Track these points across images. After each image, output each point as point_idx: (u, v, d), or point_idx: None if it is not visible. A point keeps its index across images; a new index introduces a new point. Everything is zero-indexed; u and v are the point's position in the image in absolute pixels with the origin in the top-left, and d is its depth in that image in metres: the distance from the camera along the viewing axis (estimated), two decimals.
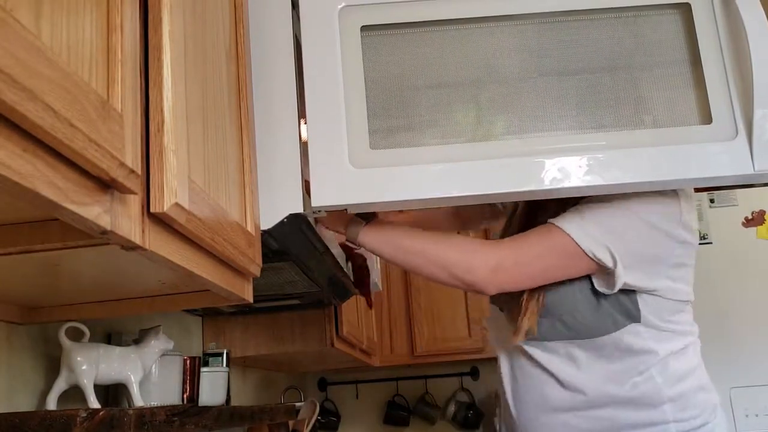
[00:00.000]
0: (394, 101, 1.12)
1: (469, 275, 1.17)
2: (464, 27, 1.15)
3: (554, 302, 1.21)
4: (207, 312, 1.94)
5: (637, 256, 1.16)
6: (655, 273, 1.18)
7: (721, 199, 2.73)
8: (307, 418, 2.36)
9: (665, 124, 1.11)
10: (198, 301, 1.04)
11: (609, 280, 1.17)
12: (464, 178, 1.08)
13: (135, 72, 0.67)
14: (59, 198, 0.54)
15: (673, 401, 1.20)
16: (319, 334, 2.04)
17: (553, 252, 1.16)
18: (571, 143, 1.09)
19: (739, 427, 2.52)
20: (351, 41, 1.12)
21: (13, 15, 0.47)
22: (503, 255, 1.17)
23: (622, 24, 1.14)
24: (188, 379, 1.40)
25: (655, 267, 1.18)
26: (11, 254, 0.73)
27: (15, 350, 1.10)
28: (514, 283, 1.19)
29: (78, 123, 0.53)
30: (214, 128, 0.90)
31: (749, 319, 2.61)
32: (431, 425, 3.55)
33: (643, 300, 1.19)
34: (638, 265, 1.16)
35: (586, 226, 1.15)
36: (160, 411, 0.90)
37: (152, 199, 0.70)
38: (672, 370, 1.21)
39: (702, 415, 1.22)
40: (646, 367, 1.21)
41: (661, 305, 1.20)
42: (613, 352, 1.21)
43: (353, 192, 1.07)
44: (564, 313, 1.21)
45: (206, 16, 0.91)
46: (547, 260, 1.17)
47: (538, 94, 1.12)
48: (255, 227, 1.04)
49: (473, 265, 1.17)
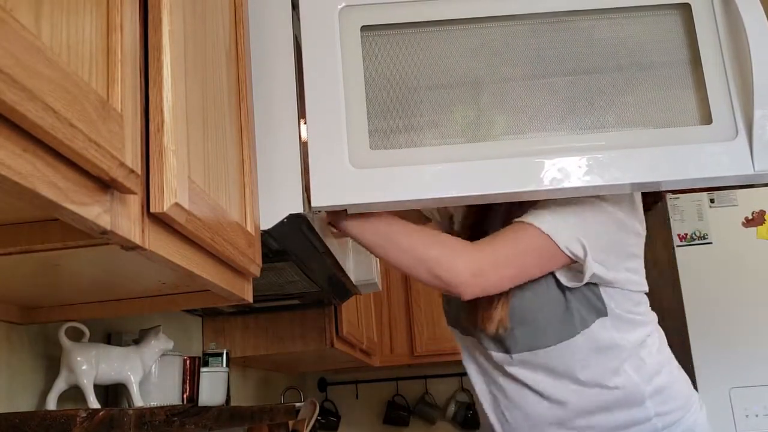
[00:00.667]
0: (394, 101, 1.12)
1: (449, 276, 1.14)
2: (465, 27, 1.15)
3: (522, 306, 1.20)
4: (207, 312, 1.94)
5: (603, 248, 1.17)
6: (615, 264, 1.19)
7: (721, 199, 2.73)
8: (307, 418, 2.36)
9: (665, 125, 1.11)
10: (198, 301, 1.04)
11: (577, 272, 1.17)
12: (464, 179, 1.08)
13: (135, 72, 0.67)
14: (59, 198, 0.54)
15: (653, 396, 1.21)
16: (319, 334, 2.04)
17: (530, 252, 1.15)
18: (571, 143, 1.09)
19: (739, 427, 2.52)
20: (351, 41, 1.12)
21: (13, 15, 0.47)
22: (483, 259, 1.15)
23: (622, 24, 1.14)
24: (188, 379, 1.40)
25: (616, 258, 1.19)
26: (11, 254, 0.73)
27: (15, 350, 1.10)
28: (493, 287, 1.17)
29: (78, 123, 0.53)
30: (214, 128, 0.90)
31: (749, 319, 2.61)
32: (431, 425, 3.55)
33: (607, 293, 1.20)
34: (603, 257, 1.16)
35: (557, 221, 1.14)
36: (160, 411, 0.90)
37: (152, 199, 0.70)
38: (645, 364, 1.22)
39: (683, 407, 1.23)
40: (619, 363, 1.21)
41: (623, 297, 1.22)
42: (588, 353, 1.20)
43: (353, 192, 1.07)
44: (534, 319, 1.20)
45: (206, 16, 0.91)
46: (525, 260, 1.16)
47: (538, 94, 1.12)
48: (255, 227, 1.04)
49: (455, 267, 1.14)
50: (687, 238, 2.71)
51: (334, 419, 3.56)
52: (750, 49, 1.08)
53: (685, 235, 2.71)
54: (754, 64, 1.08)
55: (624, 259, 1.21)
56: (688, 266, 2.67)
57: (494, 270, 1.15)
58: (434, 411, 3.53)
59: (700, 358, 2.55)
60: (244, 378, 2.41)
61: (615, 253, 1.19)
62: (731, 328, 2.60)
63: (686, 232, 2.71)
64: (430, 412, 3.53)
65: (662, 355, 1.26)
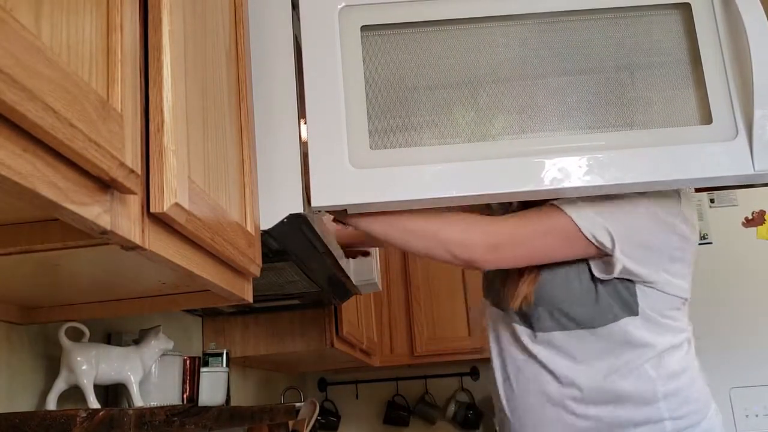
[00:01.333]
0: (394, 101, 1.12)
1: (467, 252, 1.15)
2: (464, 27, 1.15)
3: (551, 290, 1.21)
4: (207, 312, 1.94)
5: (637, 243, 1.16)
6: (653, 263, 1.18)
7: (721, 199, 2.73)
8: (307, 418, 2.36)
9: (665, 124, 1.11)
10: (198, 301, 1.04)
11: (608, 264, 1.17)
12: (464, 179, 1.08)
13: (135, 72, 0.67)
14: (59, 198, 0.54)
15: (668, 398, 1.20)
16: (319, 334, 2.04)
17: (552, 232, 1.16)
18: (571, 143, 1.09)
19: (739, 427, 2.52)
20: (351, 41, 1.12)
21: (13, 15, 0.47)
22: (502, 232, 1.17)
23: (622, 24, 1.14)
24: (188, 379, 1.40)
25: (653, 257, 1.18)
26: (11, 254, 0.73)
27: (15, 350, 1.10)
28: (512, 260, 1.18)
29: (78, 123, 0.53)
30: (214, 128, 0.90)
31: (749, 319, 2.61)
32: (431, 425, 3.55)
33: (642, 292, 1.19)
34: (637, 253, 1.16)
35: (585, 208, 1.14)
36: (160, 411, 0.90)
37: (152, 199, 0.70)
38: (666, 365, 1.21)
39: (698, 412, 1.22)
40: (641, 362, 1.20)
41: (659, 299, 1.20)
42: (610, 345, 1.20)
43: (353, 192, 1.07)
44: (561, 303, 1.21)
45: (206, 16, 0.91)
46: (545, 240, 1.16)
47: (537, 94, 1.12)
48: (255, 227, 1.04)
49: (472, 241, 1.16)
50: None
51: (334, 419, 3.55)
52: (750, 49, 1.08)
53: None
54: (754, 64, 1.08)
55: (665, 261, 1.18)
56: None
57: (513, 244, 1.16)
58: (434, 411, 3.53)
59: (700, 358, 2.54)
60: (244, 378, 2.41)
61: (653, 252, 1.17)
62: (731, 328, 2.60)
63: None
64: (430, 412, 3.52)
65: (687, 360, 1.24)
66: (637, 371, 1.20)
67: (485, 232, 1.17)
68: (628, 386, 1.20)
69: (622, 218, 1.15)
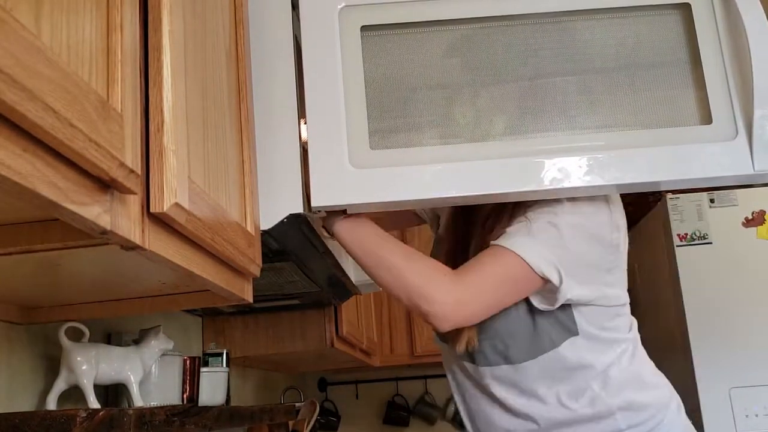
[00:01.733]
0: (394, 101, 1.12)
1: (428, 306, 1.11)
2: (464, 27, 1.15)
3: (492, 323, 1.18)
4: (207, 312, 1.94)
5: (579, 270, 1.14)
6: (593, 281, 1.16)
7: (721, 199, 2.73)
8: (307, 418, 2.36)
9: (665, 125, 1.11)
10: (198, 301, 1.04)
11: (551, 297, 1.15)
12: (464, 179, 1.08)
13: (135, 72, 0.67)
14: (59, 198, 0.54)
15: (623, 409, 1.19)
16: (319, 334, 2.05)
17: (509, 279, 1.13)
18: (571, 143, 1.09)
19: (739, 427, 2.52)
20: (351, 41, 1.12)
21: (13, 15, 0.47)
22: (463, 290, 1.12)
23: (622, 24, 1.14)
24: (188, 379, 1.40)
25: (591, 274, 1.17)
26: (11, 254, 0.73)
27: (15, 350, 1.10)
28: (472, 317, 1.14)
29: (78, 123, 0.53)
30: (214, 128, 0.90)
31: (749, 319, 2.61)
32: (431, 425, 3.55)
33: (579, 312, 1.18)
34: (579, 278, 1.14)
35: (535, 245, 1.11)
36: (160, 411, 0.90)
37: (152, 199, 0.70)
38: (611, 381, 1.20)
39: (654, 417, 1.21)
40: (587, 383, 1.19)
41: (598, 313, 1.19)
42: (554, 372, 1.19)
43: (353, 192, 1.07)
44: (502, 335, 1.19)
45: (206, 16, 0.91)
46: (504, 288, 1.14)
47: (537, 94, 1.12)
48: (255, 227, 1.04)
49: (433, 298, 1.11)
50: (687, 238, 2.70)
51: (334, 419, 3.56)
52: (750, 49, 1.08)
53: (685, 235, 2.71)
54: (754, 64, 1.08)
55: (602, 274, 1.18)
56: (688, 266, 2.67)
57: (473, 300, 1.12)
58: (434, 411, 3.53)
59: (700, 358, 2.55)
60: (244, 378, 2.41)
61: (589, 272, 1.16)
62: (731, 328, 2.59)
63: (686, 232, 2.71)
64: (430, 412, 3.53)
65: (633, 366, 1.23)
66: (586, 392, 1.19)
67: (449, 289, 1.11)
68: (581, 408, 1.20)
69: (567, 247, 1.12)
